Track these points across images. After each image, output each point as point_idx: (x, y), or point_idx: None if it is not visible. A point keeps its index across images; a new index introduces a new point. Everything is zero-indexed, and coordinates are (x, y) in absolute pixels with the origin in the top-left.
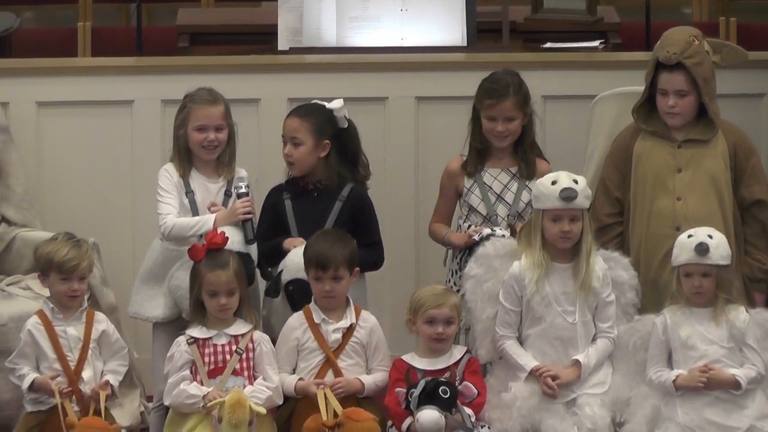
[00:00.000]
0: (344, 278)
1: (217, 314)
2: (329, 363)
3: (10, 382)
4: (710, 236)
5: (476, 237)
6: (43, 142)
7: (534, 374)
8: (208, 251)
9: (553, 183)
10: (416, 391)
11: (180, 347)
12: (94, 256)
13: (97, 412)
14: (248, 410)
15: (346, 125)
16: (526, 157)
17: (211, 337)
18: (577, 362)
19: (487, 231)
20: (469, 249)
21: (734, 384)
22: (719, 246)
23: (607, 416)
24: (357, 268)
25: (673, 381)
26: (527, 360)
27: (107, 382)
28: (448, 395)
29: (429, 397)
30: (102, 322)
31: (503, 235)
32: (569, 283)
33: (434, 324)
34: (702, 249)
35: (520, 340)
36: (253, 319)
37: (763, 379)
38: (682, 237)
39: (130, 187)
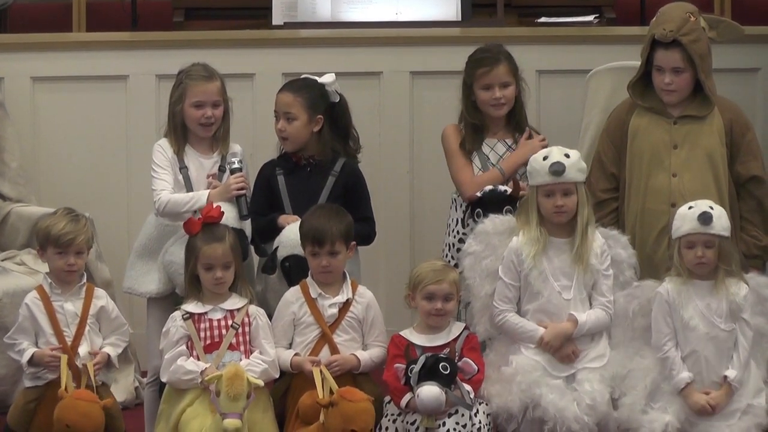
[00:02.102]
0: (341, 253)
1: (213, 288)
2: (325, 338)
3: (5, 358)
4: (711, 207)
5: (478, 193)
6: (38, 117)
7: (538, 346)
8: (203, 225)
9: (545, 158)
10: (416, 367)
11: (175, 322)
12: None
13: (90, 387)
14: (246, 382)
15: (337, 99)
16: (521, 127)
17: (206, 312)
18: (573, 318)
19: (489, 186)
20: (470, 219)
21: (733, 392)
22: (721, 216)
23: (605, 392)
24: (353, 243)
25: (682, 389)
26: (534, 326)
27: (95, 354)
28: (448, 371)
29: (429, 373)
30: (101, 298)
31: (505, 190)
32: (568, 258)
33: (433, 300)
34: (706, 218)
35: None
36: (248, 294)
37: (753, 353)
38: (683, 209)
39: (125, 162)
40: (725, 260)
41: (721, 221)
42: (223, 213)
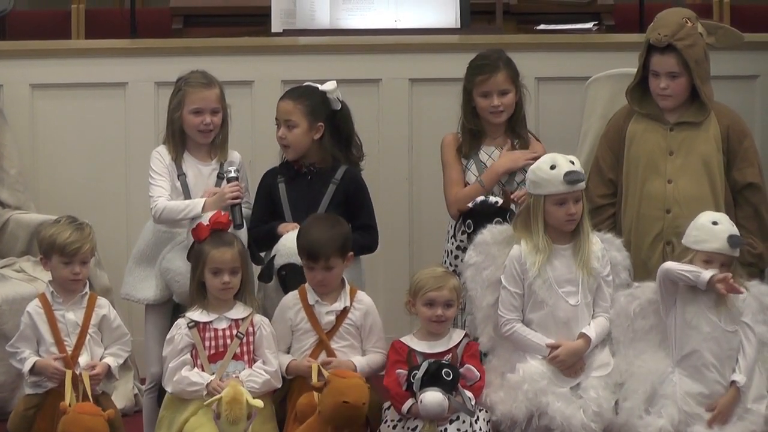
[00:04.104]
0: (336, 267)
1: (219, 294)
2: (322, 345)
3: (4, 365)
4: (732, 225)
5: (469, 204)
6: (37, 125)
7: (550, 361)
8: (211, 231)
9: (552, 168)
10: (419, 373)
11: (180, 330)
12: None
13: (86, 397)
14: (245, 406)
15: (339, 107)
16: (520, 133)
17: (211, 321)
18: (585, 337)
19: (480, 197)
20: (463, 225)
21: (740, 396)
22: (741, 237)
23: (611, 398)
24: (351, 253)
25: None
26: (543, 339)
27: (94, 366)
28: (450, 377)
29: (432, 379)
30: (104, 307)
31: (496, 201)
32: (570, 264)
33: (434, 306)
34: (735, 241)
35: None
36: (253, 303)
37: (757, 358)
38: (706, 222)
39: (124, 169)
40: (735, 276)
41: (742, 242)
42: (231, 221)
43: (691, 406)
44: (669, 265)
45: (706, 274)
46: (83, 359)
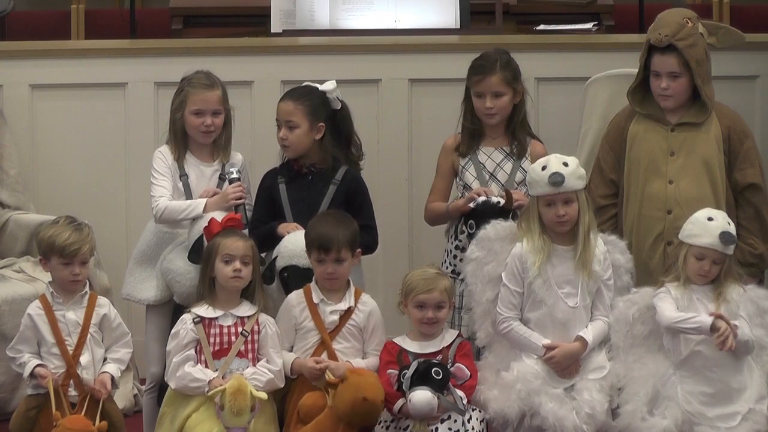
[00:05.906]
0: (346, 260)
1: (229, 283)
2: (324, 345)
3: (4, 366)
4: (729, 223)
5: (471, 204)
6: (37, 125)
7: (546, 361)
8: (223, 229)
9: (543, 168)
10: (409, 372)
11: (185, 325)
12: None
13: (83, 399)
14: (249, 397)
15: (339, 107)
16: (516, 135)
17: (217, 318)
18: (582, 339)
19: (482, 198)
20: (464, 225)
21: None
22: (735, 236)
23: (605, 401)
24: (359, 250)
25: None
26: (540, 338)
27: (104, 383)
28: (440, 376)
29: (422, 378)
30: (104, 307)
31: (498, 202)
32: (571, 266)
33: (424, 309)
34: (727, 239)
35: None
36: (260, 301)
37: (752, 350)
38: (701, 217)
39: (124, 169)
40: (726, 274)
41: (735, 240)
42: (243, 222)
43: (694, 406)
44: (668, 321)
45: (707, 321)
46: (84, 358)
